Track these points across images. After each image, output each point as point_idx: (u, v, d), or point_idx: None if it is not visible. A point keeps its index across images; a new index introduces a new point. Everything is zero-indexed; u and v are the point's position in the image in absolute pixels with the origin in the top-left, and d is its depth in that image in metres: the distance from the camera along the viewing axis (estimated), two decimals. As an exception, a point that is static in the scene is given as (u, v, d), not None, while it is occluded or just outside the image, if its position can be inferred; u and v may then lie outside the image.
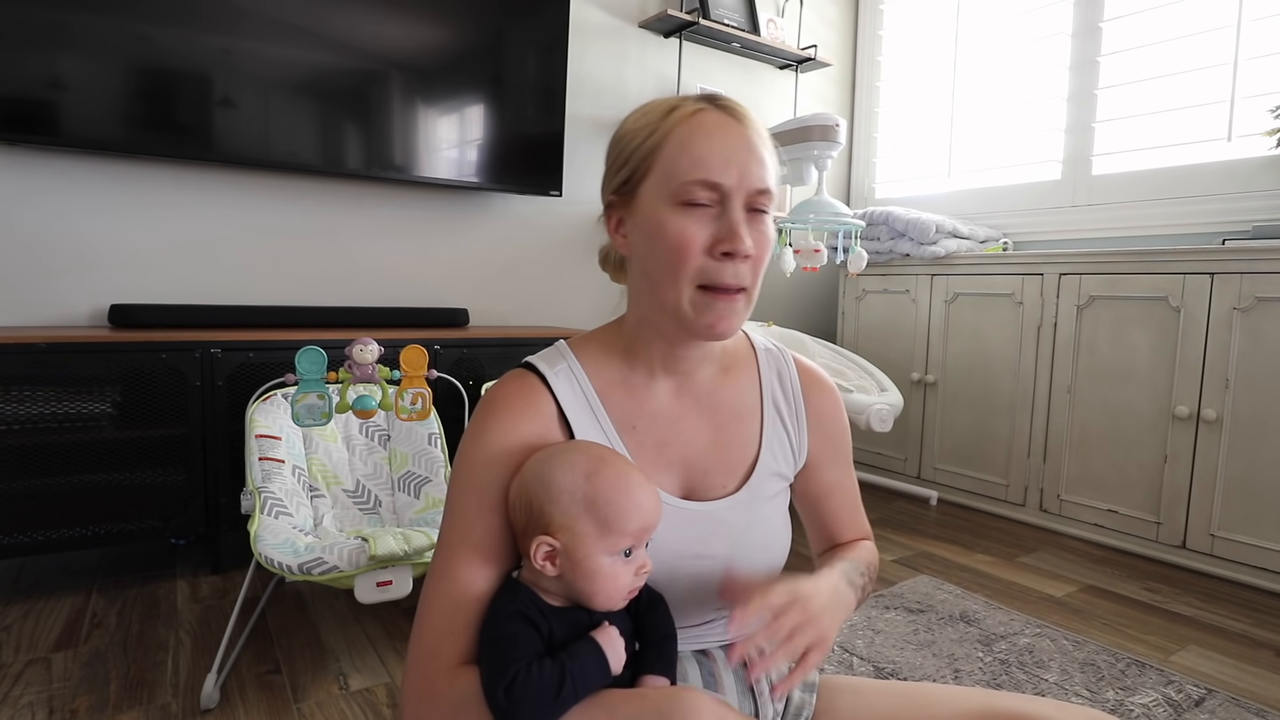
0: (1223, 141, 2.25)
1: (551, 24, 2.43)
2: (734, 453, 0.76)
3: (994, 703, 0.70)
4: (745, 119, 0.69)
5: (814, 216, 2.44)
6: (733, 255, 0.66)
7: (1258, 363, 1.91)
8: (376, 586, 1.26)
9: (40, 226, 1.87)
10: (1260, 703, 1.36)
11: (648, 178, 0.68)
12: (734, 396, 0.78)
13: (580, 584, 0.64)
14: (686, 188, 0.66)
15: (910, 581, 1.89)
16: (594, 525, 0.63)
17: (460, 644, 0.64)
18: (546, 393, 0.72)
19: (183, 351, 1.71)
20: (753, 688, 0.73)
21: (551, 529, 0.64)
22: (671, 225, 0.66)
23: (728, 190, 0.66)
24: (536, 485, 0.65)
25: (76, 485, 1.62)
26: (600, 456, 0.66)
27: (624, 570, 0.64)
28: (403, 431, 1.76)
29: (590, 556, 0.63)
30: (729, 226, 0.66)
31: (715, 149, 0.66)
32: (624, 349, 0.75)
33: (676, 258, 0.66)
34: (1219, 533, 1.98)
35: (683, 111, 0.68)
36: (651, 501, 0.66)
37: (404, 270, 2.38)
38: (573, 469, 0.65)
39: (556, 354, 0.75)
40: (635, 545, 0.65)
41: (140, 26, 1.82)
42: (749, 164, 0.67)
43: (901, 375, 2.76)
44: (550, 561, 0.64)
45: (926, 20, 3.12)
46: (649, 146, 0.68)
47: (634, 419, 0.74)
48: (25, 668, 1.35)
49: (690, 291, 0.67)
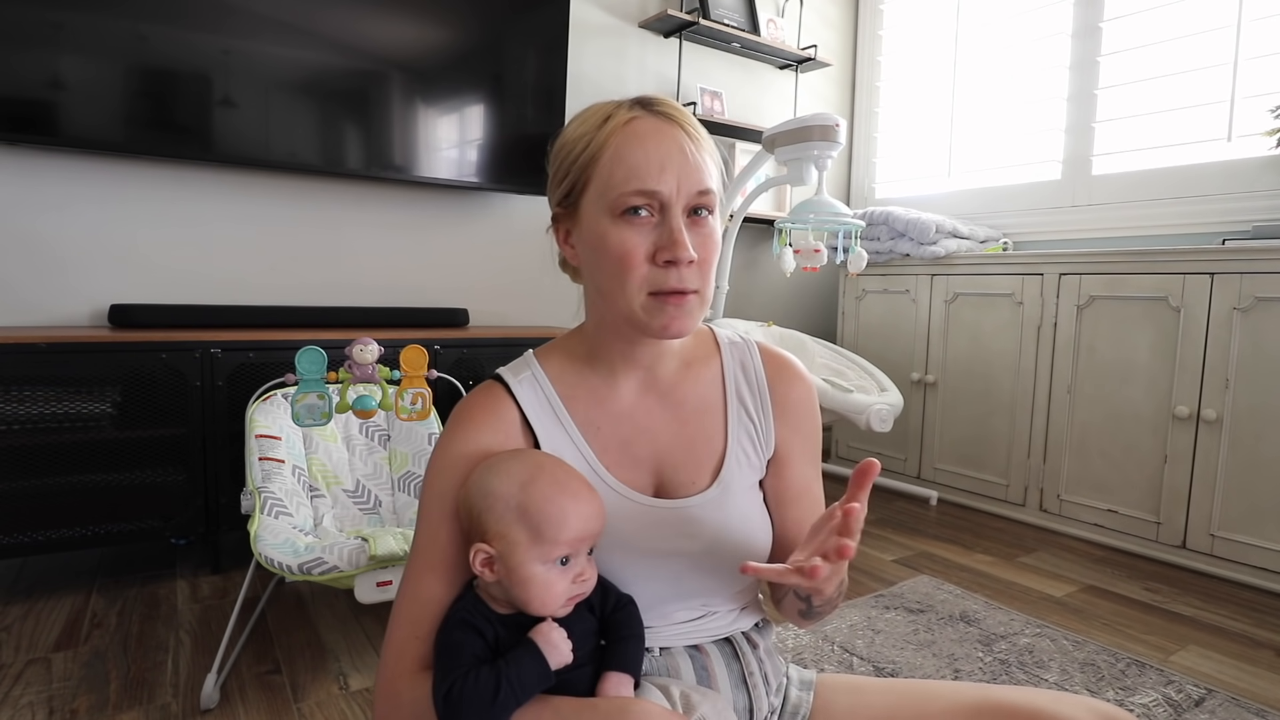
0: (1223, 141, 2.25)
1: (551, 24, 2.43)
2: (700, 447, 0.76)
3: (990, 695, 0.70)
4: (680, 120, 0.69)
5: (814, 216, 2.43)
6: (675, 263, 0.66)
7: (1258, 363, 1.91)
8: (376, 586, 1.26)
9: (40, 226, 1.87)
10: (1260, 703, 1.36)
11: (587, 190, 0.68)
12: (697, 390, 0.78)
13: (515, 591, 0.64)
14: (623, 198, 0.66)
15: (910, 581, 1.89)
16: (526, 534, 0.63)
17: (423, 648, 0.66)
18: (510, 401, 0.73)
19: (183, 351, 1.71)
20: (746, 681, 0.73)
21: (487, 536, 0.64)
22: (612, 238, 0.66)
23: (666, 197, 0.66)
24: (475, 493, 0.66)
25: (76, 485, 1.62)
26: (538, 464, 0.67)
27: (559, 579, 0.64)
28: (403, 431, 1.76)
29: (523, 564, 0.63)
30: (669, 234, 0.66)
31: (650, 156, 0.66)
32: (586, 353, 0.77)
33: (621, 269, 0.66)
34: (1219, 533, 1.98)
35: (616, 120, 0.68)
36: (588, 511, 0.65)
37: (404, 270, 2.38)
38: (509, 477, 0.65)
39: (522, 363, 0.77)
40: (571, 554, 0.65)
41: (140, 26, 1.82)
42: (685, 168, 0.66)
43: (901, 375, 2.76)
44: (488, 568, 0.64)
45: (926, 20, 3.13)
46: (585, 159, 0.68)
47: (597, 420, 0.74)
48: (25, 668, 1.35)
49: (641, 298, 0.67)
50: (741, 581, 0.76)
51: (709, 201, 0.68)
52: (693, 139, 0.69)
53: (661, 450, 0.75)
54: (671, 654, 0.73)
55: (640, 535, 0.72)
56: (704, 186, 0.67)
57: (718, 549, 0.74)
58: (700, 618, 0.75)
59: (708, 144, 0.70)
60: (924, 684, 0.77)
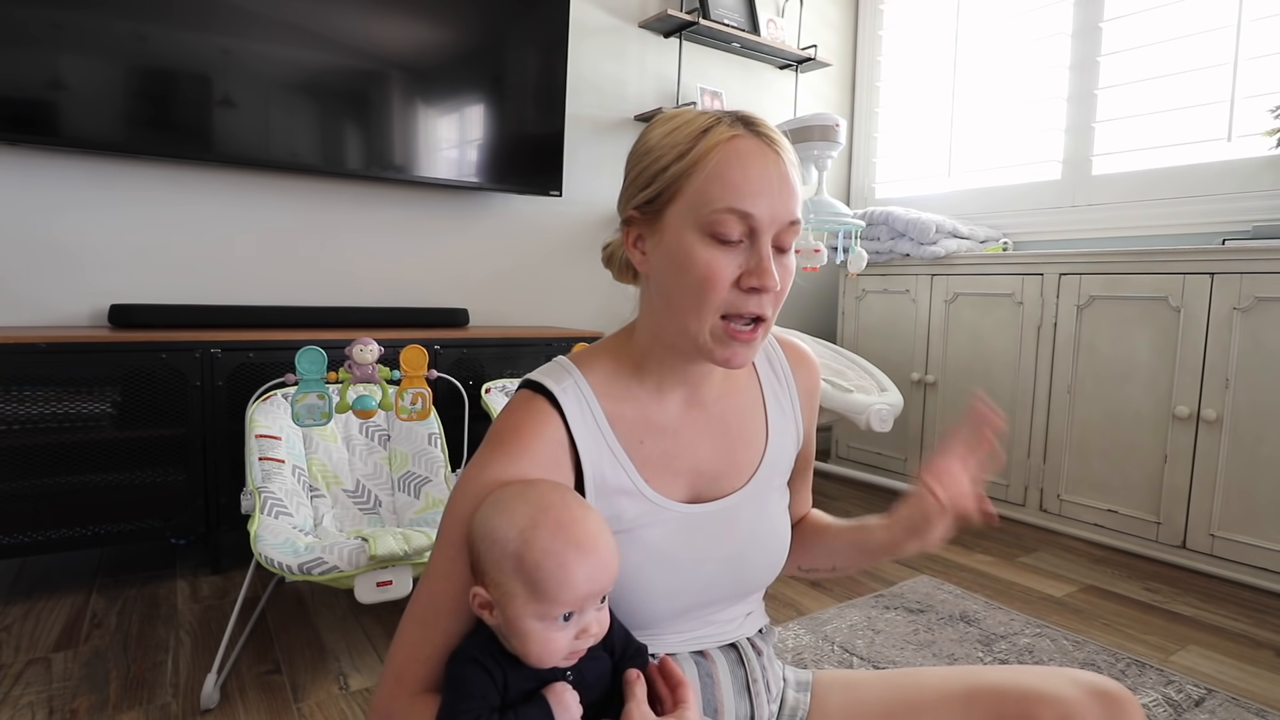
0: (1223, 141, 2.25)
1: (551, 24, 2.43)
2: (740, 453, 0.76)
3: (979, 678, 0.72)
4: (781, 147, 0.66)
5: (814, 216, 2.44)
6: (760, 290, 0.65)
7: (1258, 363, 1.91)
8: (376, 586, 1.26)
9: (40, 226, 1.87)
10: (1260, 703, 1.36)
11: (675, 201, 0.65)
12: (739, 400, 0.78)
13: (513, 640, 0.59)
14: (719, 217, 0.63)
15: (910, 581, 1.89)
16: (523, 588, 0.57)
17: (423, 673, 0.63)
18: (556, 416, 0.68)
19: (183, 351, 1.71)
20: (750, 689, 0.73)
21: (484, 581, 0.59)
22: (700, 256, 0.64)
23: (759, 223, 0.64)
24: (478, 530, 0.60)
25: (76, 485, 1.62)
26: (543, 507, 0.59)
27: (560, 635, 0.58)
28: (403, 431, 1.76)
29: (520, 618, 0.58)
30: (758, 261, 0.64)
31: (751, 179, 0.63)
32: (634, 363, 0.73)
33: (703, 289, 0.64)
34: (1219, 533, 1.97)
35: (718, 136, 0.65)
36: (594, 567, 0.58)
37: (404, 270, 2.38)
38: (511, 520, 0.59)
39: (561, 370, 0.72)
40: (576, 611, 0.59)
41: (140, 26, 1.82)
42: (781, 196, 0.65)
43: (901, 375, 2.76)
44: (487, 610, 0.60)
45: (926, 20, 3.12)
46: (679, 170, 0.65)
47: (641, 434, 0.72)
48: (25, 668, 1.35)
49: (713, 321, 0.65)
50: (765, 582, 0.78)
51: (795, 234, 0.67)
52: (793, 169, 0.67)
53: (703, 462, 0.74)
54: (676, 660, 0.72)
55: (677, 545, 0.71)
56: (795, 218, 0.66)
57: (750, 548, 0.74)
58: (707, 624, 0.75)
59: (799, 173, 0.68)
60: (914, 672, 0.79)
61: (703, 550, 0.72)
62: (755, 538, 0.75)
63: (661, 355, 0.72)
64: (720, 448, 0.75)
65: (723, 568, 0.73)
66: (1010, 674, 0.71)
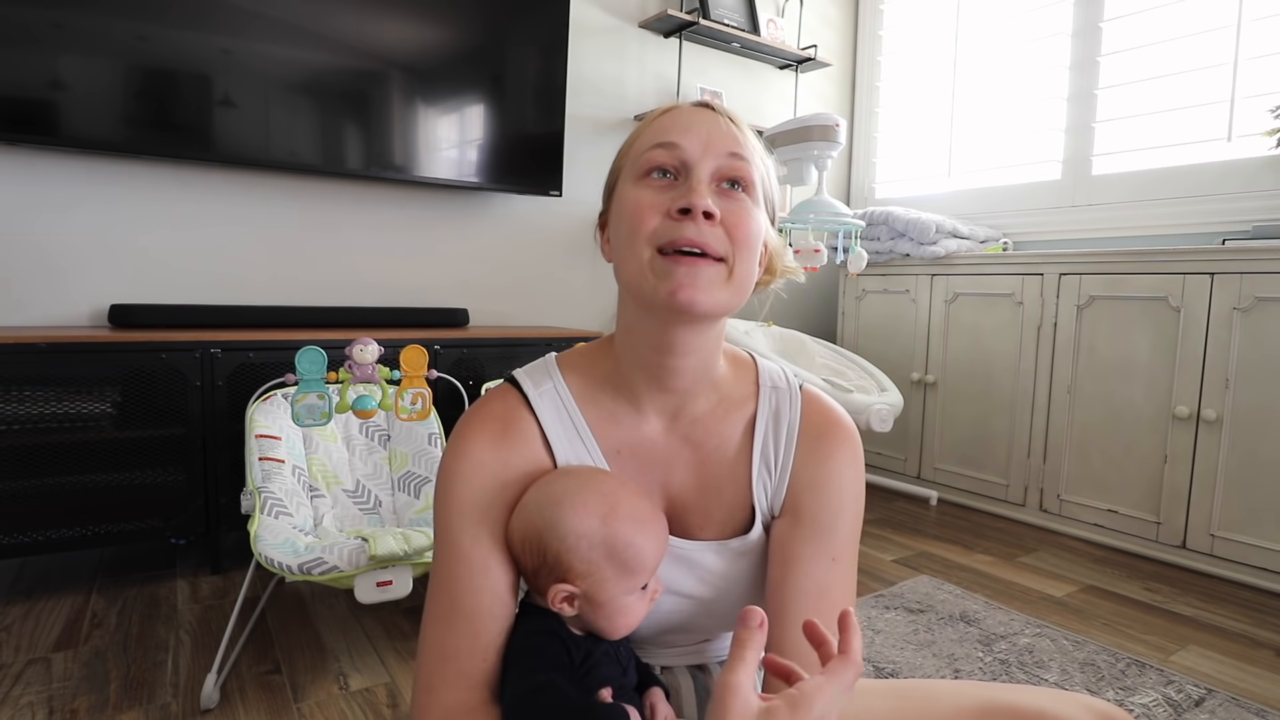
0: (1223, 141, 2.25)
1: (551, 24, 2.43)
2: (711, 497, 0.71)
3: (992, 696, 0.70)
4: (721, 110, 0.66)
5: (814, 216, 2.44)
6: (690, 212, 0.60)
7: (1258, 363, 1.91)
8: (376, 586, 1.26)
9: (40, 226, 1.87)
10: (1260, 703, 1.36)
11: (621, 174, 0.67)
12: (723, 432, 0.71)
13: (600, 621, 0.63)
14: (647, 155, 0.63)
15: (910, 581, 1.89)
16: (615, 570, 0.62)
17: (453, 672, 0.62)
18: (528, 414, 0.68)
19: (183, 351, 1.71)
20: None
21: (570, 576, 0.62)
22: (630, 196, 0.63)
23: (688, 153, 0.62)
24: (549, 533, 0.62)
25: (76, 485, 1.62)
26: (611, 493, 0.64)
27: (641, 603, 0.65)
28: (403, 431, 1.76)
29: (614, 599, 0.63)
30: (689, 186, 0.61)
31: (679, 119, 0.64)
32: (609, 370, 0.71)
33: (633, 223, 0.61)
34: (1219, 533, 1.97)
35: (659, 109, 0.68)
36: (662, 536, 0.66)
37: (404, 270, 2.38)
38: (586, 512, 0.62)
39: (543, 371, 0.71)
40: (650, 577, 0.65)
41: (140, 26, 1.82)
42: (714, 131, 0.63)
43: (901, 375, 2.76)
44: (569, 603, 0.63)
45: (926, 20, 3.12)
46: (624, 146, 0.68)
47: (619, 444, 0.70)
48: (25, 668, 1.35)
49: (649, 254, 0.61)
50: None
51: (742, 170, 0.63)
52: (733, 122, 0.65)
53: (674, 489, 0.71)
54: (673, 673, 0.72)
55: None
56: (735, 149, 0.63)
57: (715, 600, 0.71)
58: (704, 641, 0.74)
59: (750, 131, 0.67)
60: (925, 684, 0.77)
61: (670, 582, 0.69)
62: (725, 593, 0.71)
63: (631, 370, 0.69)
64: (693, 480, 0.71)
65: (696, 606, 0.71)
66: (1024, 694, 0.69)
